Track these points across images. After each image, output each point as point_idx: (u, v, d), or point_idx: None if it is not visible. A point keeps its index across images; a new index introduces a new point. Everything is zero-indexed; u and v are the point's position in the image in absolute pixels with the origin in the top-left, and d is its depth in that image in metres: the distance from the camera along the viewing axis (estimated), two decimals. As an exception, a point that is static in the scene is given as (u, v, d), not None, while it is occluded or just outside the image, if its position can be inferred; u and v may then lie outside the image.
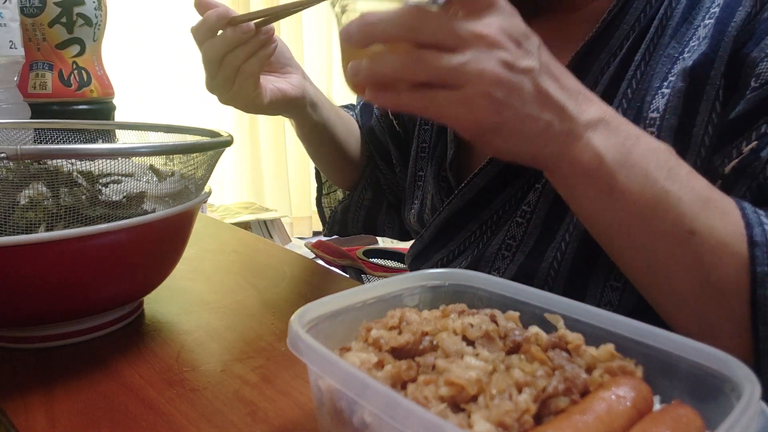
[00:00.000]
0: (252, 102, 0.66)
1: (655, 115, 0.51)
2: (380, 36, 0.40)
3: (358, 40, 0.41)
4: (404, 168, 0.81)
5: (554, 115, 0.42)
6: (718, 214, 0.43)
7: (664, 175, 0.42)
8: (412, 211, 0.74)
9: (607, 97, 0.56)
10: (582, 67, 0.57)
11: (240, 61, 0.61)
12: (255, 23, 0.60)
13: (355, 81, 0.42)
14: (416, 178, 0.74)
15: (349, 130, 0.83)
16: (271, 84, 0.69)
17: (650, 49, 0.54)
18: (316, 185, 0.97)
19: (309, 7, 0.60)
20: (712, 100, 0.50)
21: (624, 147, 0.43)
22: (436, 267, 0.58)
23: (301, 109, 0.73)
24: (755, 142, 0.47)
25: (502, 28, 0.39)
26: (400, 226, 0.87)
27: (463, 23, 0.39)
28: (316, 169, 0.94)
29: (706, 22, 0.52)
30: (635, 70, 0.54)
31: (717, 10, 0.52)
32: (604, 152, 0.42)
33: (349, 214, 0.88)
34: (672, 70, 0.52)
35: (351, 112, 0.88)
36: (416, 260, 0.71)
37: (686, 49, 0.52)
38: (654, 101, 0.52)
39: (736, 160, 0.48)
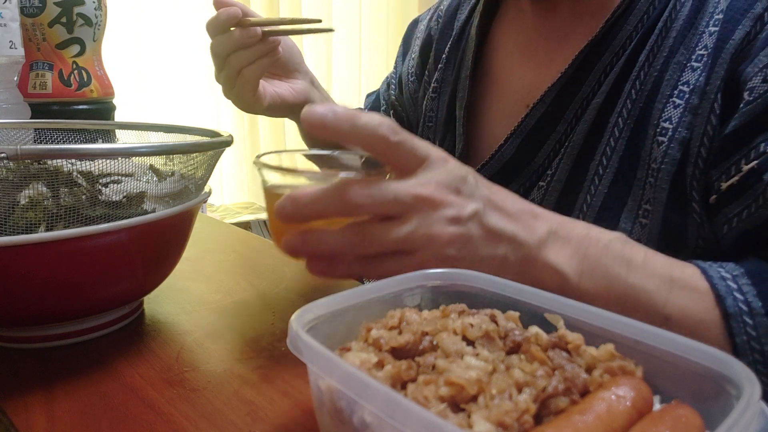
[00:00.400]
0: (250, 104, 0.68)
1: (667, 125, 0.52)
2: (318, 214, 0.39)
3: (295, 218, 0.40)
4: None
5: (508, 246, 0.42)
6: (686, 292, 0.43)
7: (624, 271, 0.43)
8: None
9: (610, 97, 0.57)
10: (585, 66, 0.58)
11: (242, 63, 0.63)
12: (263, 30, 0.62)
13: (293, 255, 0.41)
14: None
15: None
16: (272, 88, 0.69)
17: (654, 51, 0.55)
18: None
19: (316, 33, 0.64)
20: (707, 114, 0.51)
21: (579, 254, 0.43)
22: None
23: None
24: (755, 162, 0.47)
25: (440, 183, 0.40)
26: None
27: (401, 189, 0.39)
28: None
29: (711, 29, 0.52)
30: (639, 71, 0.55)
31: (721, 16, 0.52)
32: (563, 267, 0.43)
33: None
34: (681, 78, 0.52)
35: None
36: None
37: (693, 57, 0.52)
38: (666, 110, 0.52)
39: (735, 178, 0.48)
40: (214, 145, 0.53)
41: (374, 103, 0.89)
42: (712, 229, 0.52)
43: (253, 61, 0.63)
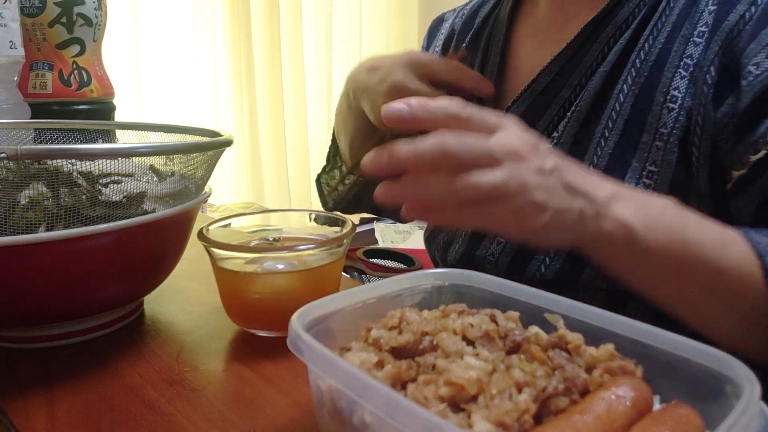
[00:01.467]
0: None
1: (677, 93, 0.56)
2: (413, 164, 0.41)
3: (387, 169, 0.42)
4: None
5: (583, 201, 0.45)
6: (735, 250, 0.47)
7: (682, 227, 0.47)
8: None
9: (616, 67, 0.60)
10: (590, 39, 0.62)
11: None
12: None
13: (389, 201, 0.42)
14: None
15: None
16: None
17: (658, 26, 0.59)
18: (324, 164, 0.95)
19: None
20: (701, 85, 0.55)
21: (641, 211, 0.46)
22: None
23: None
24: (763, 152, 0.50)
25: (522, 140, 0.43)
26: None
27: (494, 140, 0.42)
28: (331, 149, 0.93)
29: (710, 8, 0.57)
30: (644, 43, 0.59)
31: None
32: (630, 221, 0.46)
33: (367, 195, 0.88)
34: (686, 51, 0.57)
35: None
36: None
37: (695, 33, 0.57)
38: (675, 80, 0.56)
39: (764, 152, 0.51)
40: (214, 145, 0.53)
41: None
42: (717, 196, 0.56)
43: None
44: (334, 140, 0.90)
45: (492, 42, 0.72)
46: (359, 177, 0.78)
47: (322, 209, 0.94)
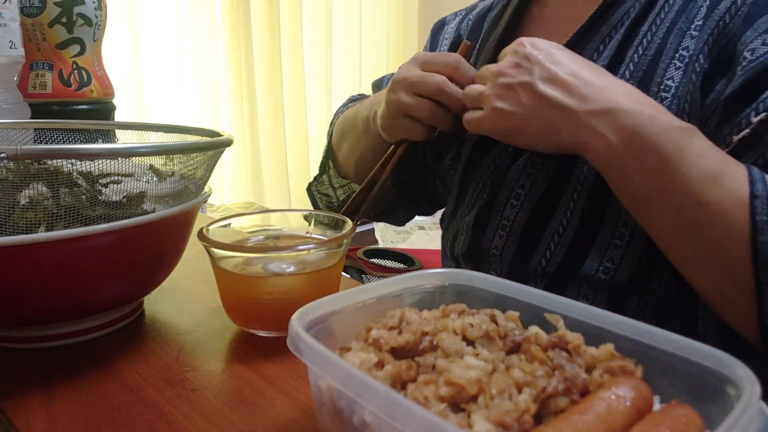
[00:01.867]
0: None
1: (670, 83, 0.57)
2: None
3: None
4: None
5: (555, 113, 0.52)
6: (727, 187, 0.46)
7: (673, 154, 0.47)
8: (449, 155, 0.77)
9: (613, 63, 0.62)
10: (585, 38, 0.64)
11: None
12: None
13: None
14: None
15: None
16: None
17: (657, 23, 0.60)
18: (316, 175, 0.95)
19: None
20: (690, 72, 0.56)
21: (636, 128, 0.48)
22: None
23: None
24: (764, 113, 0.50)
25: (508, 61, 0.55)
26: (412, 215, 0.93)
27: (483, 68, 0.58)
28: (324, 159, 0.93)
29: (707, 3, 0.58)
30: (642, 39, 0.60)
31: None
32: (612, 137, 0.49)
33: (364, 206, 0.88)
34: (682, 43, 0.58)
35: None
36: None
37: (692, 26, 0.58)
38: (669, 70, 0.58)
39: (747, 131, 0.51)
40: (214, 145, 0.53)
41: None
42: None
43: None
44: (327, 151, 0.91)
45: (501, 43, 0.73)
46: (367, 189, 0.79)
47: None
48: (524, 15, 0.72)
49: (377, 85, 0.92)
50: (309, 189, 0.95)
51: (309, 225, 0.58)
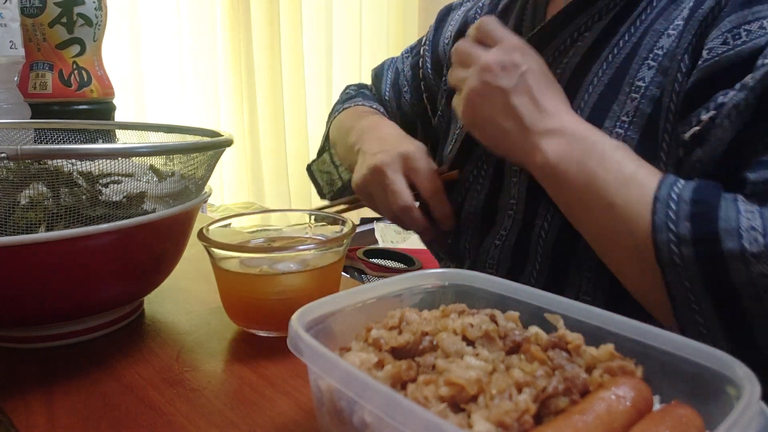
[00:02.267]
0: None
1: (641, 84, 0.58)
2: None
3: None
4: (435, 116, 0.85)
5: (514, 125, 0.55)
6: (636, 187, 0.49)
7: (595, 163, 0.51)
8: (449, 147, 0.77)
9: (587, 58, 0.63)
10: (561, 24, 0.64)
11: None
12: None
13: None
14: (451, 117, 0.79)
15: None
16: None
17: (636, 24, 0.61)
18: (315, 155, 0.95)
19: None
20: (675, 73, 0.56)
21: (569, 146, 0.52)
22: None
23: None
24: (713, 112, 0.51)
25: (497, 59, 0.56)
26: None
27: (474, 51, 0.57)
28: (324, 141, 0.93)
29: (690, 3, 0.58)
30: (619, 39, 0.61)
31: None
32: (548, 151, 0.52)
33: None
34: (657, 44, 0.58)
35: (365, 100, 0.89)
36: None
37: (671, 26, 0.58)
38: (641, 70, 0.58)
39: (697, 128, 0.52)
40: (214, 145, 0.53)
41: (394, 76, 0.90)
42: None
43: None
44: (326, 137, 0.91)
45: (528, 12, 0.73)
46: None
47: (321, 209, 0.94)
48: (545, 9, 0.72)
49: (377, 74, 0.92)
50: (309, 168, 0.94)
51: (309, 225, 0.58)
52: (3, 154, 0.40)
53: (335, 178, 0.89)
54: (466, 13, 0.83)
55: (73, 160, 0.49)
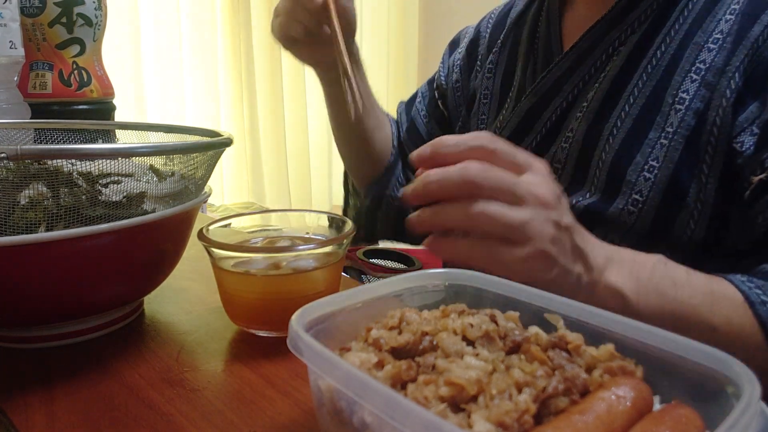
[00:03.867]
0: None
1: (685, 96, 0.58)
2: (440, 189, 0.40)
3: (422, 196, 0.42)
4: None
5: (582, 267, 0.45)
6: (726, 303, 0.48)
7: (672, 289, 0.47)
8: None
9: (626, 71, 0.63)
10: (596, 39, 0.65)
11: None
12: None
13: (418, 228, 0.43)
14: None
15: (380, 123, 0.86)
16: None
17: (671, 34, 0.61)
18: (343, 195, 0.98)
19: None
20: (724, 89, 0.56)
21: (633, 276, 0.47)
22: None
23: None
24: None
25: (549, 188, 0.43)
26: None
27: (519, 180, 0.41)
28: (344, 176, 0.94)
29: (728, 17, 0.59)
30: (655, 50, 0.62)
31: (737, 7, 0.58)
32: (623, 288, 0.46)
33: (378, 221, 0.89)
34: (699, 57, 0.59)
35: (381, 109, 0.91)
36: None
37: (710, 40, 0.59)
38: (684, 83, 0.59)
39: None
40: (214, 145, 0.53)
41: (409, 101, 0.93)
42: (712, 192, 0.58)
43: None
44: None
45: (542, 22, 0.74)
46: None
47: (321, 208, 0.94)
48: (560, 18, 0.73)
49: (403, 110, 0.93)
50: (345, 214, 0.96)
51: (309, 222, 0.59)
52: (3, 154, 0.40)
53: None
54: (477, 28, 0.86)
55: (73, 160, 0.49)
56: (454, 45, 0.91)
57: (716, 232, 0.58)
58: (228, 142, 0.55)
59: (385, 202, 0.88)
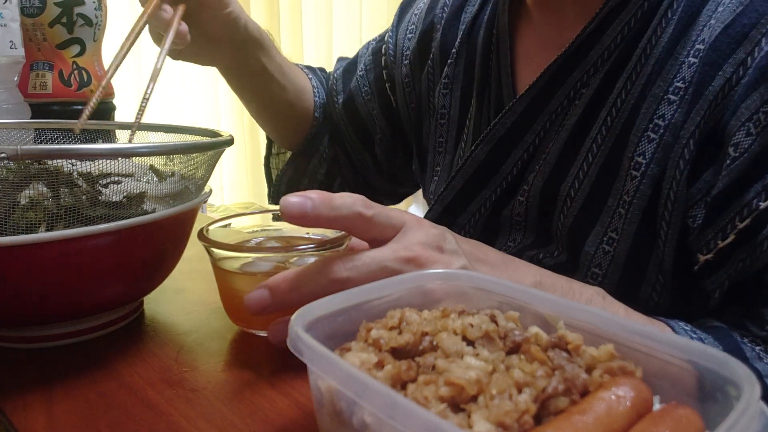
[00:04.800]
0: (177, 55, 0.66)
1: (641, 160, 0.53)
2: (302, 299, 0.38)
3: (276, 308, 0.41)
4: (392, 143, 0.81)
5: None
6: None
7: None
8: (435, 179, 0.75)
9: (585, 120, 0.57)
10: (557, 80, 0.58)
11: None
12: None
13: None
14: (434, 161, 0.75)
15: (298, 87, 0.81)
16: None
17: (632, 78, 0.55)
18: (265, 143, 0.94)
19: None
20: (678, 158, 0.51)
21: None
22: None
23: (235, 41, 0.71)
24: (748, 220, 0.48)
25: (422, 243, 0.42)
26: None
27: (386, 255, 0.41)
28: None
29: (691, 60, 0.52)
30: (616, 98, 0.55)
31: (702, 47, 0.51)
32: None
33: (302, 185, 0.87)
34: (657, 111, 0.53)
35: (308, 73, 0.87)
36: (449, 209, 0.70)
37: (670, 89, 0.52)
38: (640, 144, 0.53)
39: (731, 238, 0.49)
40: (214, 145, 0.53)
41: (348, 67, 0.87)
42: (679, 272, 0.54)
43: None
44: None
45: (493, 54, 0.68)
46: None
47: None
48: (514, 29, 0.67)
49: (340, 61, 0.90)
50: (267, 163, 0.93)
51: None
52: (3, 154, 0.40)
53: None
54: (431, 9, 0.77)
55: (73, 160, 0.49)
56: (401, 17, 0.82)
57: (683, 300, 0.55)
58: (228, 142, 0.55)
59: (308, 175, 0.84)
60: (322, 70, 0.93)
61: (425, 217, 0.70)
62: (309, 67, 0.90)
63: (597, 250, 0.56)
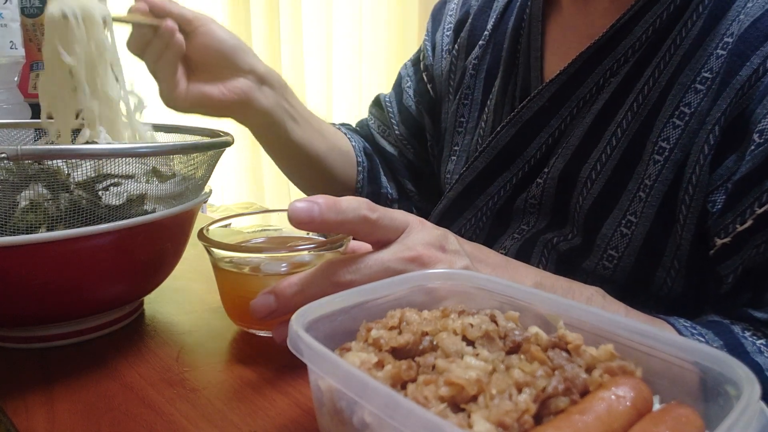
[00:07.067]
0: (173, 102, 0.66)
1: (665, 145, 0.54)
2: (306, 302, 0.38)
3: (281, 312, 0.42)
4: (436, 138, 0.81)
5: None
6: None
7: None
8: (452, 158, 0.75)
9: (611, 106, 0.58)
10: (586, 68, 0.59)
11: (151, 60, 0.65)
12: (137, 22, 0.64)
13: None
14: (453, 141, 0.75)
15: (333, 147, 0.81)
16: (197, 87, 0.67)
17: (660, 67, 0.56)
18: None
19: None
20: (702, 143, 0.52)
21: None
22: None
23: (256, 118, 0.75)
24: (767, 206, 0.49)
25: (425, 243, 0.43)
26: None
27: (389, 257, 0.42)
28: None
29: (719, 52, 0.53)
30: (643, 85, 0.56)
31: (730, 40, 0.52)
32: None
33: None
34: (684, 99, 0.54)
35: (339, 127, 0.87)
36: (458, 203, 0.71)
37: (698, 79, 0.54)
38: (665, 130, 0.54)
39: (750, 222, 0.49)
40: (215, 145, 0.53)
41: (395, 89, 0.87)
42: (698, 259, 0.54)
43: (160, 56, 0.63)
44: None
45: (523, 39, 0.69)
46: None
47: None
48: (544, 16, 0.68)
49: (376, 104, 0.89)
50: None
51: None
52: (3, 154, 0.40)
53: None
54: (464, 4, 0.79)
55: (74, 160, 0.49)
56: (436, 21, 0.83)
57: (696, 287, 0.55)
58: (228, 142, 0.55)
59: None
60: (345, 124, 0.93)
61: (444, 195, 0.71)
62: (333, 124, 0.90)
63: (615, 232, 0.57)
